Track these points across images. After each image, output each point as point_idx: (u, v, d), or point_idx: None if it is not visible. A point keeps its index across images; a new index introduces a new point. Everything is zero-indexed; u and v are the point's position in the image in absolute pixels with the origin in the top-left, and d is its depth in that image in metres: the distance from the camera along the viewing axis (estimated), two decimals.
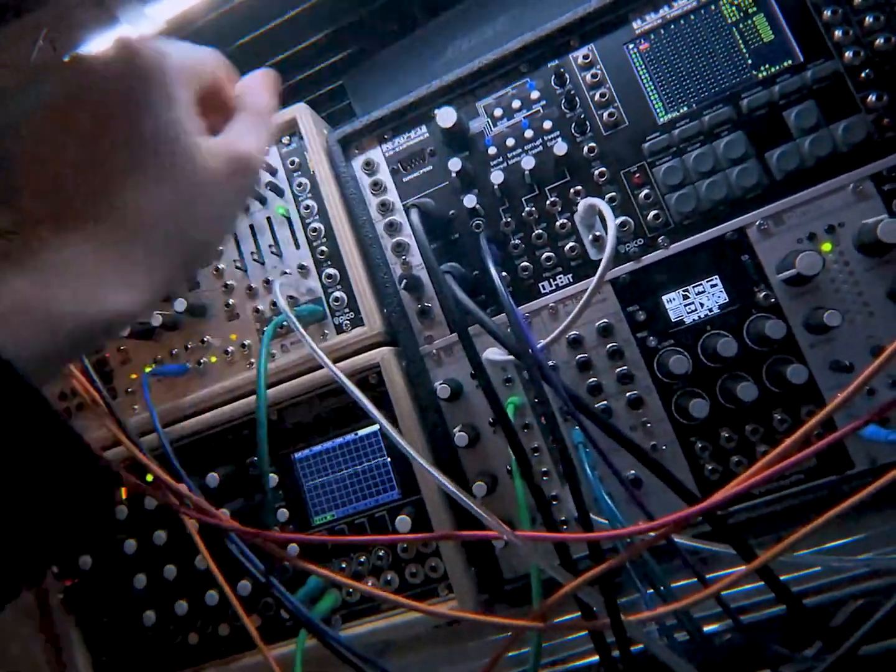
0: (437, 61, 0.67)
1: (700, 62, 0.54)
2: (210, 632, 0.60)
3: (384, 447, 0.58)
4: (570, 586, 0.36)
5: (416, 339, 0.58)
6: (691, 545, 0.42)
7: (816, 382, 0.50)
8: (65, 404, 0.65)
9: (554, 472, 0.55)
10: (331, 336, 0.59)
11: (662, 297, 0.53)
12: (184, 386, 0.63)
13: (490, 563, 0.55)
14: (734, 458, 0.51)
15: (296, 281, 0.60)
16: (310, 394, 0.60)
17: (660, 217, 0.53)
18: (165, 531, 0.60)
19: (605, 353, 0.54)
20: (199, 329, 0.63)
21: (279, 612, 0.58)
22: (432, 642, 0.60)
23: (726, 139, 0.52)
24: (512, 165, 0.57)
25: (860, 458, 0.50)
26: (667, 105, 0.54)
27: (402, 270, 0.59)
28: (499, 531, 0.37)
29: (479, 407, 0.56)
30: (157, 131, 0.32)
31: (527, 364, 0.42)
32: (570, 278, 0.55)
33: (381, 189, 0.60)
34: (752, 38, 0.53)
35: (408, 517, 0.54)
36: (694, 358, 0.52)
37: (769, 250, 0.51)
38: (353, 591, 0.57)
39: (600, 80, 0.56)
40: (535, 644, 0.40)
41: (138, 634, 0.61)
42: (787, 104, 0.52)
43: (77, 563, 0.61)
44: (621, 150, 0.55)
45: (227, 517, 0.44)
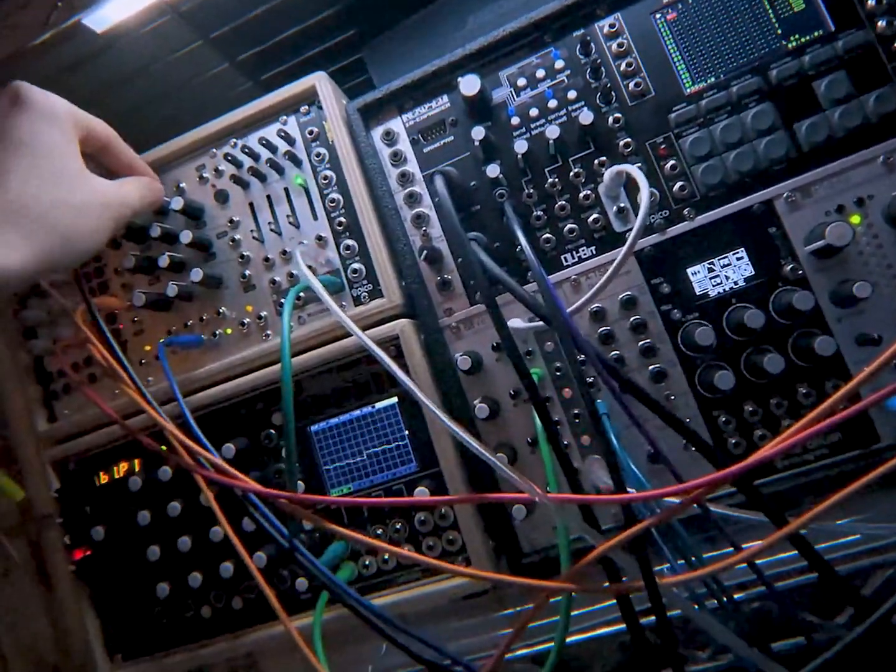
0: (457, 33, 0.66)
1: (728, 32, 0.53)
2: (223, 605, 0.60)
3: (402, 420, 0.57)
4: (603, 547, 0.35)
5: (435, 311, 0.57)
6: (723, 513, 0.42)
7: (843, 356, 0.50)
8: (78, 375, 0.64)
9: (575, 445, 0.54)
10: (349, 308, 0.59)
11: (687, 269, 0.53)
12: (198, 358, 0.62)
13: (509, 536, 0.54)
14: (758, 431, 0.51)
15: (314, 252, 0.60)
16: (327, 366, 0.59)
17: (686, 188, 0.53)
18: (180, 502, 0.59)
19: (628, 325, 0.53)
20: (215, 300, 0.62)
21: (293, 585, 0.58)
22: (447, 616, 0.60)
23: (754, 110, 0.52)
24: (535, 135, 0.56)
25: (886, 433, 0.49)
26: (694, 75, 0.53)
27: (421, 242, 0.58)
28: (529, 492, 0.36)
29: (499, 379, 0.56)
30: (36, 145, 0.44)
31: (557, 329, 0.42)
32: (593, 250, 0.55)
33: (400, 160, 0.59)
34: (783, 7, 0.52)
35: (426, 489, 0.54)
36: (719, 331, 0.51)
37: (797, 222, 0.51)
38: (370, 563, 0.56)
39: (626, 50, 0.55)
40: (565, 609, 0.39)
41: (151, 606, 0.61)
42: (817, 75, 0.51)
43: (90, 535, 0.61)
44: (647, 121, 0.54)
45: (247, 479, 0.43)
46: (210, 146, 0.63)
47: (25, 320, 0.65)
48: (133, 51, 0.62)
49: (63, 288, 0.61)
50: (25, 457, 0.66)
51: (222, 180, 0.62)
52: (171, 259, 0.60)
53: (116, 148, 0.53)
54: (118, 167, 0.54)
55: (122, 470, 0.63)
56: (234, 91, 0.76)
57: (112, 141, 0.53)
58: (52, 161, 0.44)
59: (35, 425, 0.65)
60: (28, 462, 0.66)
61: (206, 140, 0.63)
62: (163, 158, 0.63)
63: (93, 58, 0.57)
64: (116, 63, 0.51)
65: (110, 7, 0.55)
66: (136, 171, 0.56)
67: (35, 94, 0.46)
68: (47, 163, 0.44)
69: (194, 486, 0.53)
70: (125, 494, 0.61)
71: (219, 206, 0.63)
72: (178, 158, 0.64)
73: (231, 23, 0.67)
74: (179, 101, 0.73)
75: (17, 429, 0.66)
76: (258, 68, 0.74)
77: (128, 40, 0.60)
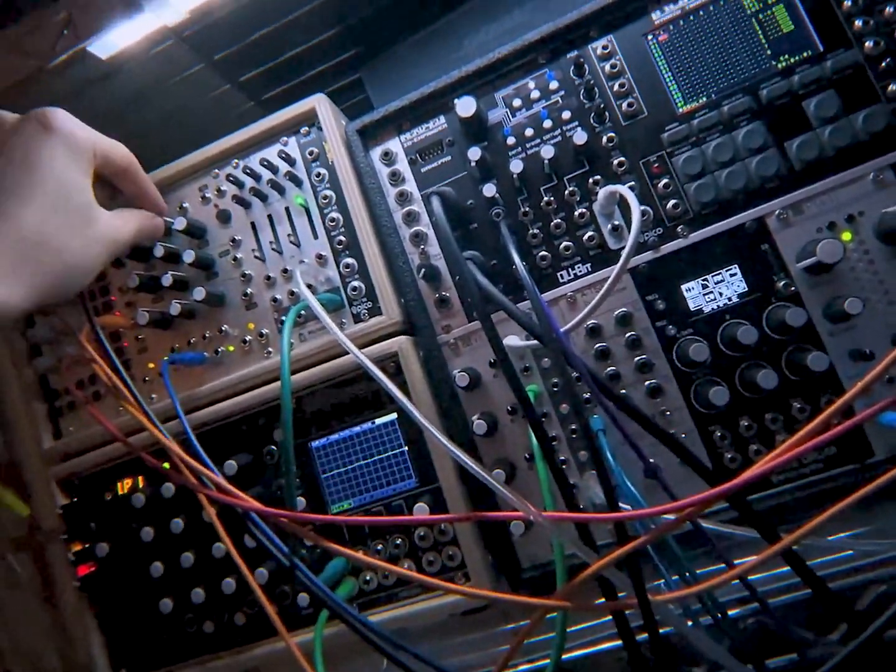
0: (454, 54, 0.67)
1: (719, 53, 0.54)
2: (226, 620, 0.60)
3: (401, 436, 0.58)
4: (597, 565, 0.36)
5: (433, 328, 0.58)
6: (716, 529, 0.42)
7: (836, 371, 0.50)
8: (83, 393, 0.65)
9: (572, 460, 0.55)
10: (348, 325, 0.60)
11: (681, 286, 0.54)
12: (201, 375, 0.63)
13: (507, 551, 0.55)
14: (753, 446, 0.51)
15: (314, 270, 0.61)
16: (327, 382, 0.60)
17: (679, 206, 0.54)
18: (183, 519, 0.60)
19: (623, 341, 0.54)
20: (217, 318, 0.63)
21: (295, 601, 0.58)
22: (447, 632, 0.60)
23: (745, 129, 0.52)
24: (531, 155, 0.57)
25: (880, 447, 0.49)
26: (686, 95, 0.54)
27: (419, 260, 0.59)
28: (524, 511, 0.37)
29: (498, 395, 0.56)
30: (55, 176, 0.44)
31: (550, 348, 0.42)
32: (589, 267, 0.56)
33: (399, 179, 0.60)
34: (772, 28, 0.53)
35: (425, 505, 0.54)
36: (713, 346, 0.52)
37: (789, 239, 0.52)
38: (370, 579, 0.57)
39: (619, 71, 0.56)
40: (561, 626, 0.40)
41: (155, 622, 0.62)
42: (807, 94, 0.52)
43: (94, 551, 0.62)
44: (640, 140, 0.55)
45: (249, 498, 0.44)
46: (212, 167, 0.64)
47: (31, 338, 0.66)
48: (137, 75, 0.63)
49: (67, 307, 0.63)
50: (31, 473, 0.67)
51: (224, 200, 0.64)
52: (175, 278, 0.61)
53: (134, 174, 0.54)
54: (130, 193, 0.55)
55: (126, 486, 0.64)
56: (237, 111, 0.77)
57: (130, 168, 0.54)
58: (68, 197, 0.45)
59: (41, 442, 0.66)
60: (34, 478, 0.66)
61: (209, 161, 0.64)
62: (166, 179, 0.64)
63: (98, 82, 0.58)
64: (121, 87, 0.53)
65: (115, 34, 0.57)
66: (146, 200, 0.57)
67: (63, 123, 0.46)
68: (63, 198, 0.44)
69: (197, 502, 0.53)
70: (129, 511, 0.61)
71: (221, 226, 0.64)
72: (182, 179, 0.65)
73: (233, 45, 0.69)
74: (183, 123, 0.74)
75: (24, 445, 0.67)
76: (260, 88, 0.76)
77: (132, 65, 0.62)
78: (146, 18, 0.57)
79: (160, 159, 0.64)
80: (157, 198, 0.58)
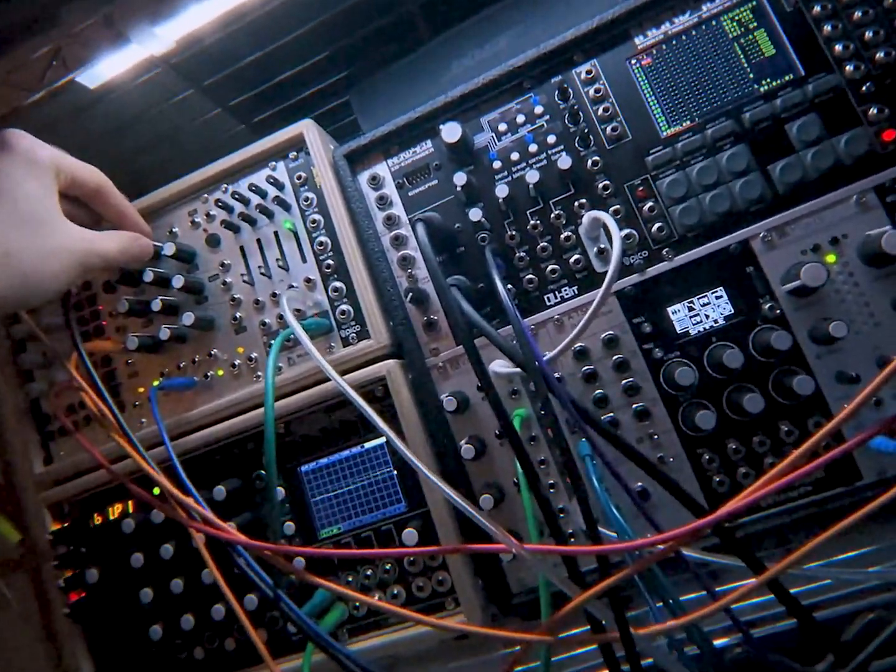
0: (441, 78, 0.68)
1: (702, 77, 0.54)
2: (216, 646, 0.60)
3: (391, 460, 0.58)
4: (579, 600, 0.36)
5: (421, 351, 0.58)
6: (700, 558, 0.42)
7: (823, 393, 0.50)
8: (73, 417, 0.65)
9: (561, 484, 0.55)
10: (337, 349, 0.60)
11: (668, 308, 0.54)
12: (191, 399, 0.63)
13: (497, 576, 0.55)
14: (741, 469, 0.51)
15: (302, 294, 0.61)
16: (316, 406, 0.60)
17: (664, 229, 0.54)
18: (172, 545, 0.59)
19: (610, 364, 0.54)
20: (207, 342, 0.63)
21: (285, 626, 0.58)
22: (439, 657, 0.60)
23: (729, 152, 0.53)
24: (516, 179, 0.57)
25: (868, 470, 0.49)
26: (669, 119, 0.55)
27: (407, 283, 0.59)
28: (507, 544, 0.37)
29: (486, 419, 0.56)
30: (12, 190, 0.45)
31: (533, 376, 0.42)
32: (576, 290, 0.56)
33: (386, 203, 0.60)
34: (754, 52, 0.53)
35: (415, 530, 0.54)
36: (700, 369, 0.52)
37: (773, 262, 0.52)
38: (360, 605, 0.57)
39: (603, 95, 0.56)
40: (545, 658, 0.40)
41: (145, 648, 0.61)
42: (789, 117, 0.52)
43: (84, 577, 0.61)
44: (625, 164, 0.55)
45: (234, 530, 0.44)
46: (202, 192, 0.65)
47: (22, 363, 0.67)
48: (125, 102, 0.64)
49: (57, 333, 0.63)
50: (23, 498, 0.67)
51: (213, 225, 0.64)
52: (164, 302, 0.61)
53: (107, 196, 0.54)
54: (108, 215, 0.56)
55: (116, 511, 0.64)
56: (227, 134, 0.78)
57: (103, 188, 0.54)
58: (26, 206, 0.46)
59: (32, 467, 0.66)
60: (25, 503, 0.66)
61: (198, 186, 0.64)
62: (156, 204, 0.65)
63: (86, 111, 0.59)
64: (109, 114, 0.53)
65: (103, 64, 0.57)
66: (125, 221, 0.57)
67: (21, 141, 0.47)
68: (20, 208, 0.45)
69: (186, 529, 0.53)
70: (119, 536, 0.61)
71: (210, 250, 0.64)
72: (172, 204, 0.66)
73: (222, 71, 0.69)
74: (173, 147, 0.75)
75: (16, 470, 0.67)
76: (250, 112, 0.76)
77: (120, 93, 0.62)
78: (134, 49, 0.57)
79: (150, 184, 0.64)
80: (138, 219, 0.58)
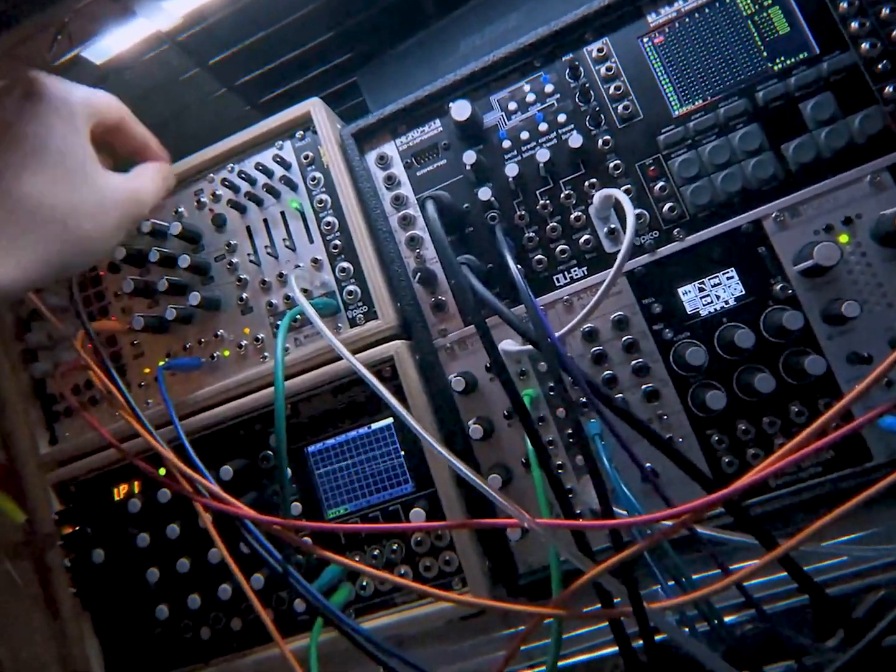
0: (450, 57, 0.67)
1: (715, 55, 0.54)
2: (222, 626, 0.60)
3: (398, 440, 0.58)
4: (592, 573, 0.35)
5: (429, 332, 0.58)
6: (713, 535, 0.42)
7: (834, 374, 0.50)
8: (77, 399, 0.65)
9: (569, 465, 0.54)
10: (344, 329, 0.59)
11: (678, 289, 0.53)
12: (197, 380, 0.63)
13: (505, 556, 0.55)
14: (751, 450, 0.51)
15: (309, 274, 0.61)
16: (323, 387, 0.60)
17: (675, 209, 0.53)
18: (178, 525, 0.59)
19: (620, 345, 0.54)
20: (213, 323, 0.63)
21: (291, 606, 0.58)
22: (444, 638, 0.60)
23: (742, 131, 0.52)
24: (526, 158, 0.57)
25: (879, 451, 0.49)
26: (682, 98, 0.54)
27: (415, 264, 0.59)
28: (518, 518, 0.37)
29: (494, 400, 0.56)
30: (48, 143, 0.40)
31: (545, 353, 0.42)
32: (585, 271, 0.55)
33: (394, 183, 0.60)
34: (768, 30, 0.53)
35: (422, 510, 0.54)
36: (710, 350, 0.52)
37: (786, 242, 0.51)
38: (367, 584, 0.57)
39: (615, 74, 0.56)
40: (556, 633, 0.40)
41: (151, 628, 0.61)
42: (803, 96, 0.52)
43: (90, 557, 0.61)
44: (636, 143, 0.55)
45: (243, 505, 0.43)
46: (208, 171, 0.64)
47: (27, 343, 0.66)
48: (132, 80, 0.63)
49: (63, 313, 0.62)
50: (27, 479, 0.67)
51: (220, 205, 0.63)
52: (170, 283, 0.61)
53: (129, 126, 0.49)
54: (131, 148, 0.50)
55: (121, 492, 0.64)
56: (233, 114, 0.77)
57: (125, 120, 0.48)
58: (66, 161, 0.41)
59: (37, 447, 0.66)
60: (30, 484, 0.66)
61: (204, 165, 0.64)
62: None
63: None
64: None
65: (109, 39, 0.57)
66: (149, 151, 0.51)
67: (50, 86, 0.42)
68: (61, 164, 0.40)
69: (193, 508, 0.53)
70: (125, 516, 0.61)
71: (216, 231, 0.64)
72: (178, 184, 0.65)
73: (228, 49, 0.69)
74: (179, 127, 0.74)
75: (20, 451, 0.67)
76: (256, 92, 0.75)
77: (126, 70, 0.62)
78: (140, 23, 0.56)
79: None
80: (159, 145, 0.53)
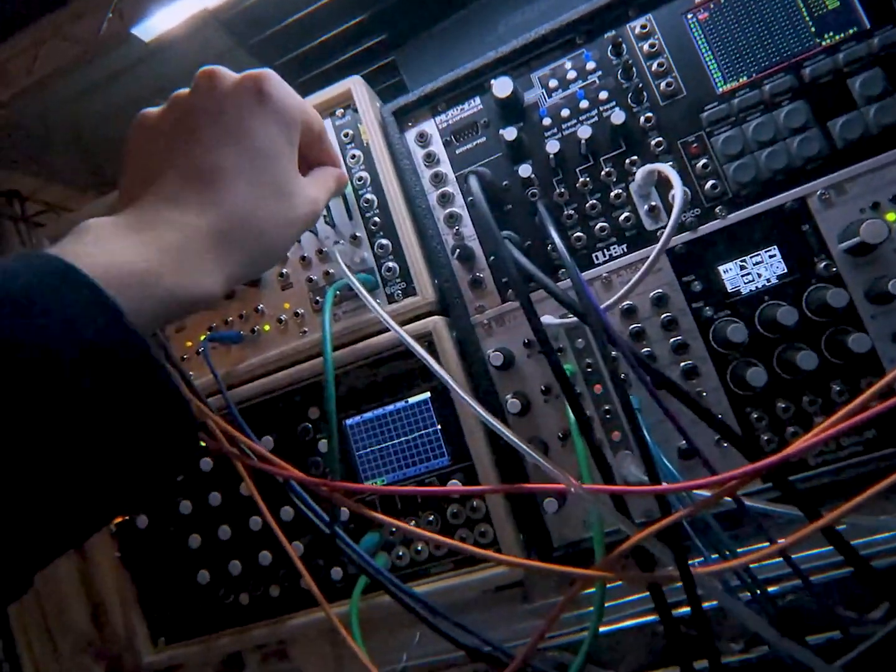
0: (489, 36, 0.67)
1: (761, 31, 0.53)
2: (261, 592, 0.62)
3: (434, 414, 0.59)
4: (639, 536, 0.36)
5: (467, 308, 0.59)
6: (756, 506, 0.42)
7: (877, 353, 0.50)
8: None
9: (605, 441, 0.55)
10: (382, 305, 0.60)
11: (719, 267, 0.53)
12: (237, 354, 0.64)
13: (539, 530, 0.55)
14: (790, 428, 0.51)
15: (349, 250, 0.61)
16: (361, 362, 0.61)
17: (717, 187, 0.53)
18: (220, 493, 0.61)
19: (659, 323, 0.54)
20: (254, 298, 0.64)
21: (328, 574, 0.60)
22: (477, 608, 0.61)
23: (787, 108, 0.52)
24: (567, 136, 0.57)
25: None
26: (726, 74, 0.54)
27: (454, 241, 0.59)
28: (565, 483, 0.37)
29: (531, 375, 0.57)
30: (266, 151, 0.39)
31: (592, 325, 0.43)
32: (625, 248, 0.56)
33: (434, 161, 0.61)
34: (816, 5, 0.52)
35: (458, 482, 0.55)
36: (751, 328, 0.52)
37: (830, 220, 0.51)
38: (403, 554, 0.58)
39: (658, 50, 0.55)
40: (599, 598, 0.40)
41: (192, 593, 0.63)
42: (852, 72, 0.51)
43: (134, 523, 0.63)
44: (679, 120, 0.55)
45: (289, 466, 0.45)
46: None
47: None
48: (176, 58, 0.64)
49: None
50: None
51: None
52: None
53: (326, 141, 0.49)
54: (320, 159, 0.50)
55: None
56: None
57: (323, 133, 0.49)
58: (276, 171, 0.40)
59: None
60: None
61: None
62: None
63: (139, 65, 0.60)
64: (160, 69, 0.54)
65: (157, 17, 0.58)
66: (336, 162, 0.51)
67: (276, 89, 0.41)
68: (271, 173, 0.39)
69: (234, 477, 0.55)
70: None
71: None
72: None
73: (268, 29, 0.69)
74: None
75: None
76: (295, 72, 0.76)
77: (172, 48, 0.63)
78: (187, 1, 0.57)
79: None
80: (340, 157, 0.53)
